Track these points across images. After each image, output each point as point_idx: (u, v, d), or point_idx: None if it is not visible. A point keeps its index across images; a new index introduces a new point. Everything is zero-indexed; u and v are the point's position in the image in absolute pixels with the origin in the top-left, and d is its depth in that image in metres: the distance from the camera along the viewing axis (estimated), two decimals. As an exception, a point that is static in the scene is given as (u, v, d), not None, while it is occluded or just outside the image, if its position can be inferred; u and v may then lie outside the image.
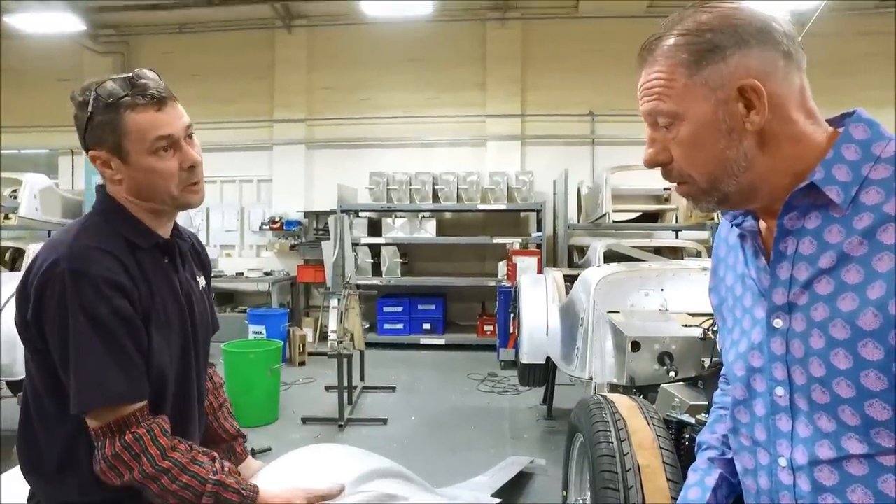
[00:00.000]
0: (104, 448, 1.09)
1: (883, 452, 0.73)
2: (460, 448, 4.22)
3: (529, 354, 4.27)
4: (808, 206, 0.79)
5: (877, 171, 0.75)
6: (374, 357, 6.54)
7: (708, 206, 0.87)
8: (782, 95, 0.78)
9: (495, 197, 7.40)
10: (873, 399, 0.72)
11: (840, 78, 7.57)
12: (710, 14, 0.79)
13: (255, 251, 8.58)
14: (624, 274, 3.23)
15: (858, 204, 0.75)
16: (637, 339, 2.47)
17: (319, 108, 8.44)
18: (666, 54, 0.81)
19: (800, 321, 0.79)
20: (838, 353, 0.74)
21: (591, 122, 8.10)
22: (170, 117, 1.14)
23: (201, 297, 1.34)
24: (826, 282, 0.76)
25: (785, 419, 0.82)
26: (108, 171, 1.17)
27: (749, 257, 0.88)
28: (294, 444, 4.20)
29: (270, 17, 8.21)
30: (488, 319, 7.48)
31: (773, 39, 0.78)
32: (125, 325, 1.11)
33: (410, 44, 8.18)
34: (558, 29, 8.11)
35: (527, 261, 6.52)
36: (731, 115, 0.78)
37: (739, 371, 0.89)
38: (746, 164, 0.79)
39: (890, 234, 0.72)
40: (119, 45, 8.60)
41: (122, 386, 1.09)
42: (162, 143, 1.13)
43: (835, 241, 0.76)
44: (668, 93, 0.81)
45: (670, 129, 0.82)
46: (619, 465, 1.70)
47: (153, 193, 1.18)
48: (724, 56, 0.77)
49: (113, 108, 1.11)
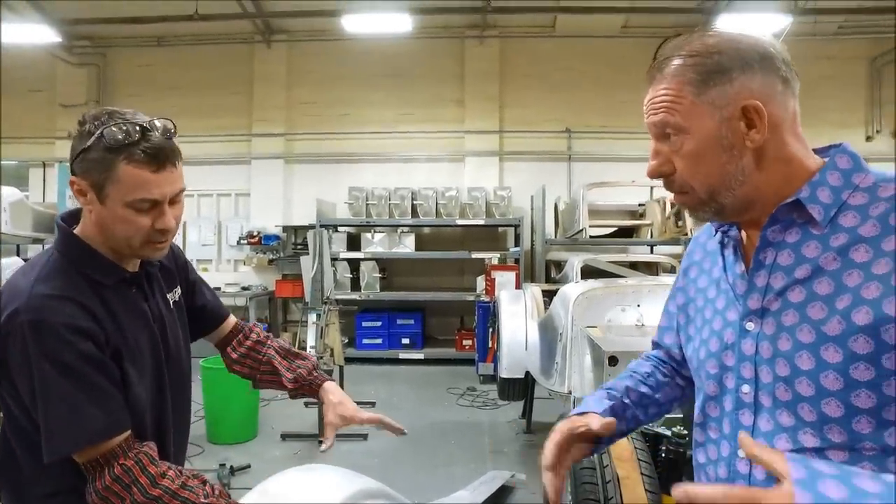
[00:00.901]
0: (94, 482, 1.10)
1: (832, 447, 0.81)
2: (441, 463, 4.22)
3: (509, 369, 4.31)
4: (790, 222, 0.86)
5: (855, 197, 0.83)
6: (353, 372, 6.51)
7: (705, 217, 0.93)
8: (780, 117, 0.85)
9: (474, 212, 7.48)
10: (830, 398, 0.80)
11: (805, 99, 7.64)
12: (717, 38, 0.86)
13: (233, 266, 8.51)
14: (601, 290, 3.31)
15: (836, 225, 0.82)
16: (615, 353, 2.53)
17: (298, 122, 8.45)
18: (674, 73, 0.87)
19: (770, 325, 0.86)
20: (802, 355, 0.82)
21: (567, 139, 8.25)
22: (162, 181, 1.12)
23: (172, 319, 1.33)
24: (799, 291, 0.84)
25: (748, 414, 0.89)
26: (81, 199, 1.16)
27: (729, 263, 0.95)
28: (274, 460, 4.17)
29: (250, 31, 8.23)
30: (467, 334, 7.51)
31: (774, 65, 0.85)
32: (93, 365, 1.10)
33: (390, 60, 8.27)
34: (536, 47, 8.28)
35: (505, 275, 6.59)
36: (733, 132, 0.84)
37: (712, 368, 0.95)
38: (743, 178, 0.86)
39: (861, 253, 0.79)
40: (95, 56, 8.52)
41: (100, 422, 1.10)
42: (144, 204, 1.12)
43: (811, 256, 0.83)
44: (676, 108, 0.86)
45: (675, 142, 0.88)
46: (599, 476, 1.75)
47: (114, 238, 1.17)
48: (730, 78, 0.84)
49: (111, 151, 1.08)
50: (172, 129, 1.15)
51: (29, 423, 1.13)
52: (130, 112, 1.14)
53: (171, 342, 1.31)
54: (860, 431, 0.79)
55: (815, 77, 8.09)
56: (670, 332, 1.16)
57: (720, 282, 0.97)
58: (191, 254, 8.36)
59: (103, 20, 7.44)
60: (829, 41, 7.90)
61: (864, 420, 0.78)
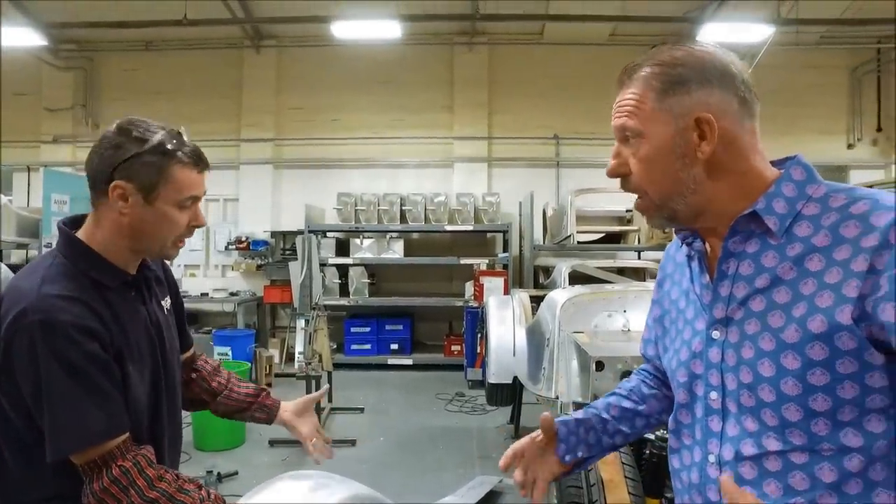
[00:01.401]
0: (92, 483, 1.11)
1: (794, 450, 0.84)
2: (429, 468, 4.23)
3: (497, 374, 4.33)
4: (749, 233, 0.89)
5: (808, 208, 0.86)
6: (341, 378, 6.50)
7: (659, 222, 0.96)
8: (734, 133, 0.88)
9: (462, 218, 7.50)
10: (790, 403, 0.83)
11: (788, 107, 7.98)
12: (683, 52, 0.90)
13: (221, 271, 8.46)
14: (588, 296, 3.34)
15: (792, 235, 0.86)
16: (601, 358, 2.55)
17: (287, 128, 8.44)
18: (641, 80, 0.91)
19: (735, 333, 0.90)
20: (764, 363, 0.85)
21: (555, 146, 8.31)
22: (202, 181, 1.25)
23: (167, 324, 1.37)
24: (760, 300, 0.87)
25: (716, 420, 0.93)
26: (119, 204, 1.18)
27: (695, 274, 0.98)
28: (262, 467, 4.15)
29: (239, 37, 8.23)
30: (455, 339, 7.53)
31: (733, 84, 0.89)
32: (98, 366, 1.12)
33: (379, 66, 8.29)
34: (524, 54, 8.34)
35: (494, 281, 6.61)
36: (686, 141, 0.88)
37: (682, 377, 0.99)
38: (695, 187, 0.89)
39: (815, 262, 0.83)
40: (81, 60, 8.46)
41: (102, 423, 1.11)
42: (190, 201, 1.22)
43: (770, 265, 0.87)
44: (637, 113, 0.91)
45: (633, 144, 0.92)
46: (583, 480, 1.77)
47: (149, 238, 1.22)
48: (689, 89, 0.88)
49: (165, 155, 1.18)
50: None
51: (24, 427, 1.13)
52: (145, 120, 1.21)
53: (167, 346, 1.33)
54: (818, 433, 0.82)
55: (799, 86, 8.24)
56: (651, 344, 1.19)
57: (689, 292, 1.00)
58: (178, 259, 8.18)
59: (90, 24, 7.41)
60: (811, 51, 8.03)
61: (822, 422, 0.82)
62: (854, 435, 0.81)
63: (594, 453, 1.16)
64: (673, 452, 1.04)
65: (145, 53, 8.39)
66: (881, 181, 6.89)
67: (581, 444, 1.13)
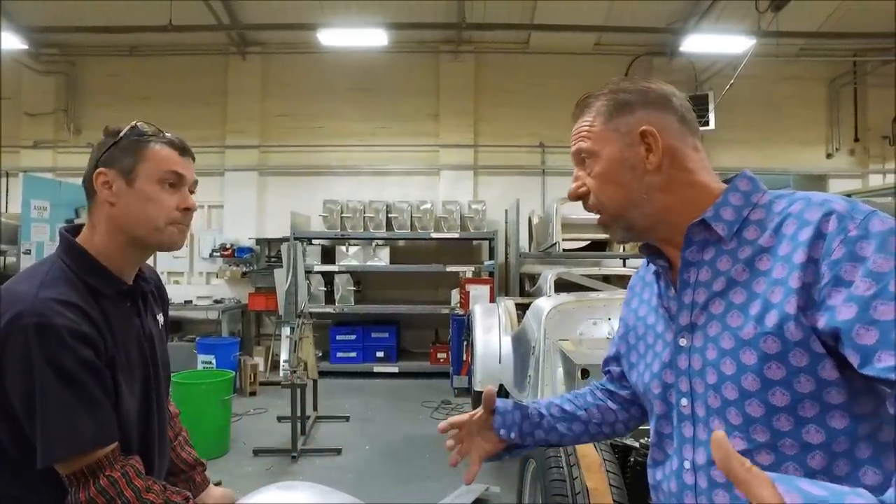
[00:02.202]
0: (78, 493, 1.09)
1: (759, 448, 0.86)
2: (415, 477, 4.21)
3: (483, 382, 4.33)
4: (704, 242, 0.95)
5: (755, 213, 0.93)
6: (327, 386, 6.47)
7: (619, 235, 1.03)
8: (677, 148, 0.97)
9: (448, 226, 7.51)
10: (751, 398, 0.86)
11: (770, 117, 8.13)
12: (628, 83, 1.01)
13: (205, 278, 8.38)
14: (573, 304, 3.36)
15: (742, 239, 0.92)
16: (587, 366, 2.57)
17: (273, 134, 8.41)
18: (592, 108, 1.02)
19: (699, 338, 0.94)
20: (726, 361, 0.89)
21: (541, 154, 8.36)
22: (187, 164, 1.25)
23: (160, 337, 1.36)
24: (718, 303, 0.92)
25: (688, 426, 0.96)
26: (105, 192, 1.20)
27: (663, 290, 1.03)
28: (246, 477, 4.11)
29: (225, 43, 8.19)
30: (441, 347, 7.52)
31: (672, 106, 0.99)
32: (91, 373, 1.11)
33: (365, 74, 8.30)
34: (510, 63, 8.41)
35: (479, 289, 6.62)
36: (634, 155, 0.96)
37: (656, 388, 1.02)
38: (648, 197, 0.96)
39: (764, 261, 0.88)
40: (63, 65, 8.37)
41: (92, 431, 1.09)
42: (171, 177, 1.22)
43: (724, 269, 0.92)
44: (590, 135, 1.00)
45: (588, 165, 1.01)
46: (569, 488, 1.78)
47: (139, 223, 1.21)
48: (633, 110, 0.98)
49: (141, 136, 1.21)
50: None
51: (8, 438, 1.11)
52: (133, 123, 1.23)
53: (158, 359, 1.32)
54: (780, 429, 0.85)
55: (780, 97, 8.40)
56: (613, 361, 1.24)
57: (658, 308, 1.05)
58: (162, 266, 8.21)
59: (73, 28, 7.33)
60: (791, 63, 8.19)
61: (784, 418, 0.84)
62: (816, 431, 0.83)
63: (527, 443, 1.21)
64: (657, 465, 1.05)
65: (129, 59, 8.32)
66: (858, 190, 7.03)
67: (515, 426, 1.18)
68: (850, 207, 0.83)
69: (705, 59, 7.79)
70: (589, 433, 1.23)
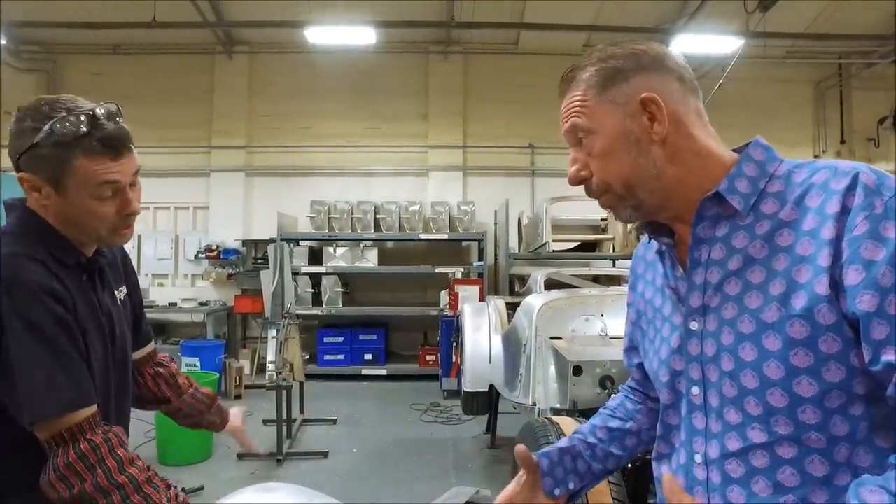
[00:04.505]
0: (56, 458, 1.01)
1: (781, 440, 0.79)
2: (404, 480, 4.13)
3: (472, 382, 4.26)
4: (717, 217, 0.87)
5: (772, 185, 0.85)
6: (314, 389, 6.37)
7: (627, 215, 0.93)
8: (681, 112, 0.88)
9: (437, 226, 7.45)
10: (774, 387, 0.79)
11: (757, 118, 8.16)
12: (614, 49, 0.92)
13: (190, 280, 8.25)
14: (565, 301, 3.30)
15: (759, 213, 0.84)
16: (579, 363, 2.51)
17: (260, 134, 8.32)
18: (580, 81, 0.92)
19: (713, 321, 0.86)
20: (745, 346, 0.81)
21: (530, 154, 8.34)
22: (121, 166, 1.10)
23: (120, 315, 1.28)
24: (735, 283, 0.84)
25: (700, 417, 0.88)
26: (34, 195, 1.11)
27: (668, 269, 0.95)
28: (229, 481, 4.00)
29: (211, 42, 8.09)
30: (430, 349, 7.44)
31: (668, 67, 0.90)
32: (64, 329, 1.05)
33: (354, 74, 8.24)
34: (499, 63, 8.38)
35: (469, 290, 6.56)
36: (638, 126, 0.87)
37: (664, 377, 0.95)
38: (657, 171, 0.88)
39: (785, 237, 0.80)
40: (45, 63, 8.23)
41: (70, 390, 1.03)
42: (106, 189, 1.10)
43: (741, 246, 0.84)
44: (584, 111, 0.90)
45: (587, 145, 0.91)
46: (564, 488, 1.71)
47: (80, 229, 1.14)
48: (627, 78, 0.88)
49: (65, 147, 1.05)
50: (118, 112, 1.12)
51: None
52: (70, 99, 1.10)
53: (117, 338, 1.24)
54: (806, 422, 0.78)
55: (767, 98, 8.45)
56: (631, 352, 1.16)
57: (664, 288, 0.97)
58: (146, 268, 8.08)
59: (54, 24, 7.19)
60: (778, 65, 8.23)
61: (809, 409, 0.77)
62: (842, 423, 0.77)
63: (587, 481, 1.09)
64: (663, 458, 0.98)
65: (113, 57, 8.19)
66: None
67: (570, 474, 1.06)
68: (879, 182, 0.76)
69: (694, 61, 7.80)
70: (643, 443, 1.14)
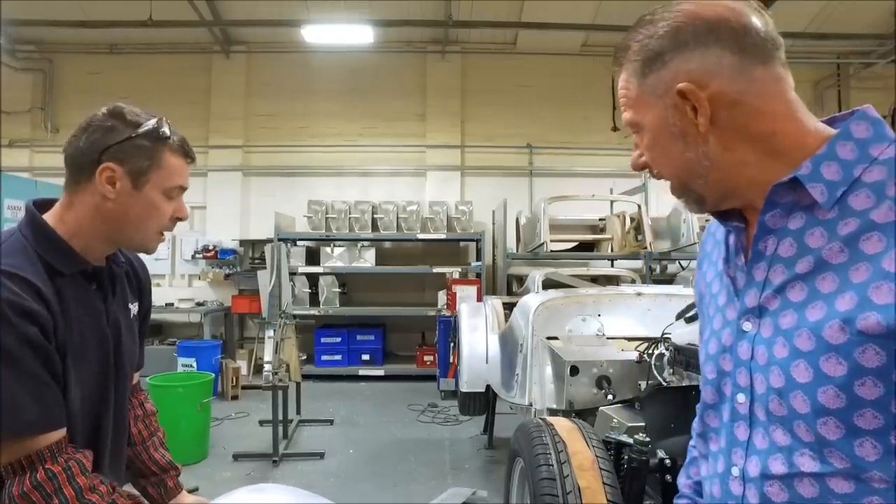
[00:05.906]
0: (12, 486, 0.98)
1: (835, 474, 0.69)
2: (401, 481, 4.11)
3: (469, 383, 4.24)
4: (791, 205, 0.74)
5: (871, 173, 0.69)
6: (311, 389, 6.35)
7: (692, 207, 0.86)
8: (736, 91, 0.74)
9: (435, 227, 7.43)
10: (828, 417, 0.68)
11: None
12: (660, 17, 0.79)
13: (187, 280, 8.22)
14: (562, 300, 3.29)
15: (846, 207, 0.69)
16: (576, 363, 2.50)
17: (257, 134, 8.29)
18: (626, 60, 0.82)
19: (768, 327, 0.75)
20: (799, 365, 0.70)
21: (528, 154, 8.32)
22: (188, 172, 1.23)
23: (129, 328, 1.26)
24: (800, 288, 0.72)
25: (743, 427, 0.79)
26: (106, 188, 1.11)
27: (731, 254, 0.84)
28: (224, 482, 3.98)
29: (208, 41, 8.07)
30: (428, 349, 7.42)
31: (715, 38, 0.74)
32: (34, 351, 1.01)
33: (351, 73, 8.22)
34: (497, 63, 8.36)
35: (466, 290, 6.55)
36: (681, 118, 0.77)
37: (710, 374, 0.86)
38: (710, 163, 0.77)
39: (873, 243, 0.66)
40: (41, 62, 8.21)
41: (33, 413, 0.99)
42: (176, 190, 1.19)
43: (815, 246, 0.71)
44: (629, 103, 0.82)
45: (641, 135, 0.83)
46: (559, 487, 1.69)
47: (132, 227, 1.15)
48: (664, 62, 0.77)
49: (159, 140, 1.15)
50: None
51: None
52: (134, 108, 1.17)
53: (123, 351, 1.22)
54: (864, 458, 0.67)
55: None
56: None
57: (722, 275, 0.86)
58: (142, 268, 8.03)
59: (50, 23, 7.17)
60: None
61: (868, 444, 0.66)
62: None
63: None
64: (701, 458, 0.92)
65: (110, 56, 8.16)
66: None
67: None
68: None
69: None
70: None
